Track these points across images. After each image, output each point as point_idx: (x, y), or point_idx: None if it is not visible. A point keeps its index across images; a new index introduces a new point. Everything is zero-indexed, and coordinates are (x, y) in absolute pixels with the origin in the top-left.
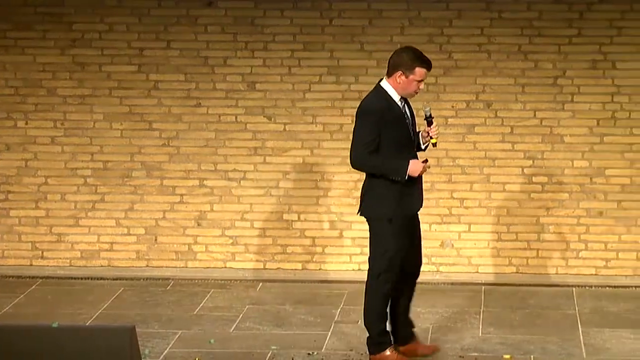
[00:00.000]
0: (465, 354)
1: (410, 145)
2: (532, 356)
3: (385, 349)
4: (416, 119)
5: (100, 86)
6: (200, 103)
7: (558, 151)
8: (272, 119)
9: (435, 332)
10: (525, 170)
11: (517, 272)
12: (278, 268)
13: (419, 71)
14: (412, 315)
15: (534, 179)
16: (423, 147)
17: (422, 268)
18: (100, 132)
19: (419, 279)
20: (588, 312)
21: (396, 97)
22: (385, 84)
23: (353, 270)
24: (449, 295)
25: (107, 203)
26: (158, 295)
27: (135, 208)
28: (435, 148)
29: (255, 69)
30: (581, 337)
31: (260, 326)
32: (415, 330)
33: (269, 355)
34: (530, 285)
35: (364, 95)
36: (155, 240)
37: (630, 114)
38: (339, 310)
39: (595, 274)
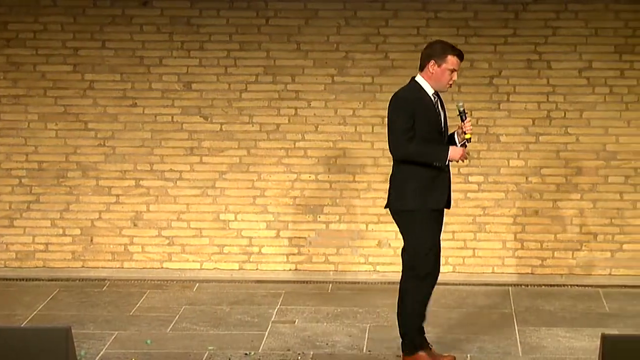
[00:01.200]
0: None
1: (441, 140)
2: (468, 355)
3: (418, 351)
4: (448, 118)
5: (35, 86)
6: (136, 103)
7: (494, 150)
8: (209, 119)
9: (373, 332)
10: (461, 169)
11: (453, 272)
12: (215, 268)
13: (451, 59)
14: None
15: (470, 179)
16: (459, 145)
17: (359, 268)
18: (35, 132)
19: (356, 278)
20: (524, 311)
21: (430, 91)
22: (419, 78)
23: (290, 270)
24: (387, 294)
25: (42, 204)
26: (94, 296)
27: (71, 208)
28: (471, 143)
29: (191, 69)
30: (517, 335)
31: (197, 326)
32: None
33: (205, 355)
34: (466, 284)
35: (301, 94)
36: (91, 240)
37: (565, 113)
38: (276, 310)
39: (531, 273)
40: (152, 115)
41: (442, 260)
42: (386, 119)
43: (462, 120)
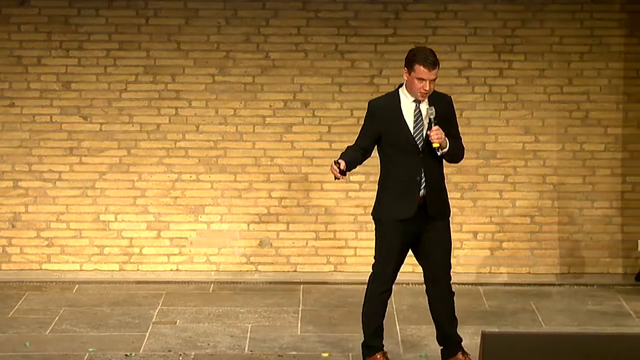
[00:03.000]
0: (284, 352)
1: (411, 149)
2: (350, 354)
3: (375, 354)
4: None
5: None
6: (13, 103)
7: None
8: (88, 119)
9: (254, 332)
10: None
11: (335, 271)
12: (95, 269)
13: (419, 68)
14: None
15: (352, 178)
16: (438, 153)
17: (240, 268)
18: None
19: (238, 278)
20: (406, 309)
21: (408, 99)
22: (402, 86)
23: (171, 270)
24: (268, 294)
25: None
26: None
27: None
28: (443, 152)
29: (70, 69)
30: (399, 333)
31: (77, 328)
32: (463, 344)
33: (85, 357)
34: (348, 283)
35: (182, 94)
36: None
37: None
38: (157, 311)
39: (413, 272)
40: (30, 115)
41: (324, 260)
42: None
43: (428, 129)
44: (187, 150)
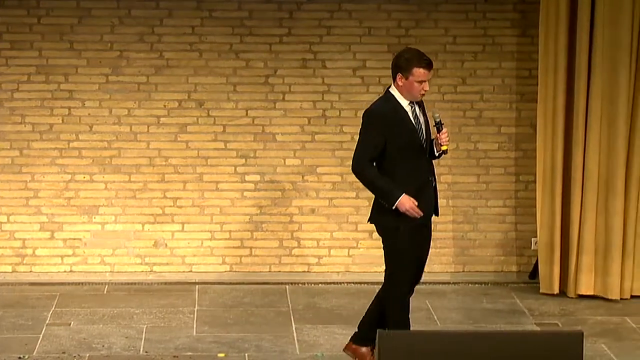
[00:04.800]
0: (180, 353)
1: (420, 151)
2: (246, 354)
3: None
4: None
5: None
6: None
7: (270, 149)
8: None
9: (150, 333)
10: (238, 169)
11: (231, 271)
12: None
13: (417, 71)
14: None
15: (247, 178)
16: (437, 154)
17: (135, 268)
18: None
19: (132, 279)
20: (301, 309)
21: (404, 102)
22: (392, 89)
23: (65, 271)
24: (163, 295)
25: None
26: None
27: None
28: (445, 153)
29: None
30: (295, 333)
31: None
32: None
33: None
34: (244, 283)
35: (75, 94)
36: None
37: (340, 112)
38: (51, 312)
39: (308, 271)
40: None
41: (219, 260)
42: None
43: (438, 131)
44: (80, 150)
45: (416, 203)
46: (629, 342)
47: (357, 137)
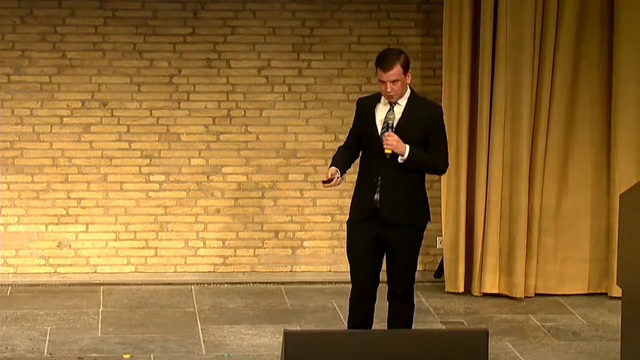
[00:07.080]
0: (85, 355)
1: (376, 149)
2: (152, 355)
3: None
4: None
5: None
6: None
7: (175, 149)
8: None
9: (54, 334)
10: (142, 169)
11: (136, 272)
12: None
13: (378, 71)
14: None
15: (152, 178)
16: (399, 160)
17: (39, 270)
18: None
19: (36, 280)
20: (207, 309)
21: (385, 100)
22: None
23: None
24: (67, 296)
25: None
26: None
27: None
28: (402, 159)
29: None
30: (201, 334)
31: None
32: None
33: None
34: (149, 284)
35: None
36: None
37: (245, 112)
38: None
39: (214, 271)
40: None
41: (124, 260)
42: None
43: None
44: None
45: (337, 176)
46: (533, 340)
47: (263, 137)
